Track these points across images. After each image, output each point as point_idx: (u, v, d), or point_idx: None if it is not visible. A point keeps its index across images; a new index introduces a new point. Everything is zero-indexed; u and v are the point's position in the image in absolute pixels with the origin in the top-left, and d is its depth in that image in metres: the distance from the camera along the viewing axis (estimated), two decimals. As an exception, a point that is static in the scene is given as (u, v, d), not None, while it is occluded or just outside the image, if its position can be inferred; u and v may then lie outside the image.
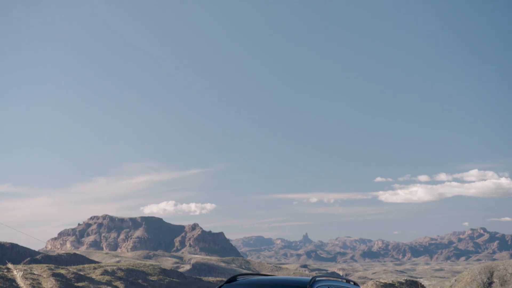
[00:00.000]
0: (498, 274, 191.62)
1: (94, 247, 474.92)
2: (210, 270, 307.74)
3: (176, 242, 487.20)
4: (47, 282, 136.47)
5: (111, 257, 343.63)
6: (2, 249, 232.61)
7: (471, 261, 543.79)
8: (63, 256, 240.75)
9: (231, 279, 11.48)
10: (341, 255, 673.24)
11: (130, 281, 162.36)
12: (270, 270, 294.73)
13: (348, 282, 12.19)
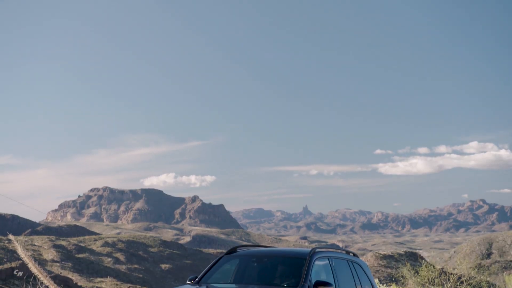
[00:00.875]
0: (497, 246, 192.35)
1: (94, 219, 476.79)
2: (210, 242, 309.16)
3: (176, 214, 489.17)
4: (48, 253, 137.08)
5: (111, 229, 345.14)
6: (3, 221, 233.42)
7: (470, 233, 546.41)
8: (63, 228, 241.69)
9: (231, 251, 11.42)
10: (341, 227, 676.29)
11: (131, 252, 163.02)
12: (270, 242, 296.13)
13: (348, 254, 12.10)
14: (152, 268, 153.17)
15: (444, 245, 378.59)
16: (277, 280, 10.45)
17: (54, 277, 71.59)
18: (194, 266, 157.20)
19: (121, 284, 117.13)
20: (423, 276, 25.85)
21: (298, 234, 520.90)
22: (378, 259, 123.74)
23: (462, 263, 26.78)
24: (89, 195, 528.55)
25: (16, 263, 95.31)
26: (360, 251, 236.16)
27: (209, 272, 10.86)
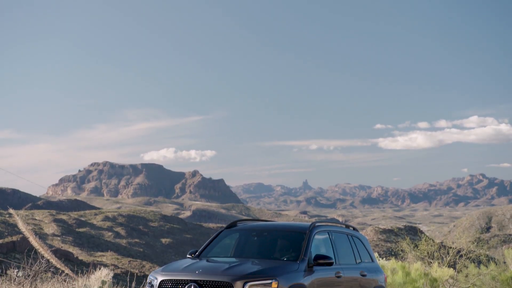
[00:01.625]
0: (496, 220, 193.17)
1: (95, 193, 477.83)
2: (210, 216, 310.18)
3: (176, 188, 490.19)
4: (49, 227, 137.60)
5: (111, 203, 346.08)
6: (4, 195, 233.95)
7: (469, 207, 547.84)
8: (64, 202, 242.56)
9: (231, 225, 11.43)
10: (341, 202, 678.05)
11: (131, 227, 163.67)
12: (270, 216, 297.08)
13: (348, 228, 12.10)
14: (152, 242, 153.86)
15: (444, 220, 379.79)
16: (277, 254, 10.46)
17: (55, 251, 72.07)
18: (194, 241, 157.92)
19: (122, 258, 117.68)
20: (423, 250, 25.90)
21: (298, 208, 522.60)
22: (378, 234, 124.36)
23: (462, 237, 26.79)
24: (89, 170, 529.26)
25: (17, 237, 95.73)
26: (360, 226, 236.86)
27: (209, 246, 10.88)
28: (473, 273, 23.82)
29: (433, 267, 23.11)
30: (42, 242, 16.86)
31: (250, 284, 8.92)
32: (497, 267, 24.37)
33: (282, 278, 9.17)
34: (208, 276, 9.06)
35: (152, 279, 9.47)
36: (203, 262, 9.85)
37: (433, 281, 21.74)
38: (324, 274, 10.13)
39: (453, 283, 23.61)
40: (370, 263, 11.96)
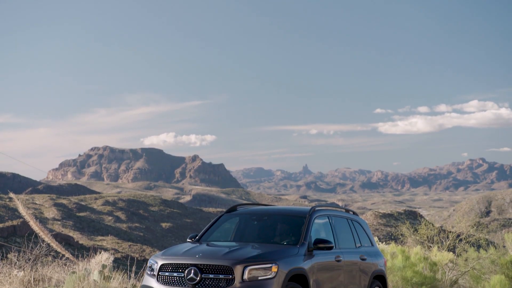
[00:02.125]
0: (496, 204, 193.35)
1: (95, 177, 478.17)
2: (211, 201, 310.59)
3: (176, 173, 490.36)
4: (49, 211, 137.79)
5: (112, 187, 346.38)
6: (4, 179, 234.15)
7: (469, 191, 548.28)
8: (64, 187, 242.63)
9: (231, 209, 11.44)
10: (341, 186, 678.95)
11: (131, 211, 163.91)
12: (270, 201, 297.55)
13: (348, 212, 12.11)
14: (152, 227, 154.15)
15: (443, 204, 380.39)
16: (277, 238, 10.48)
17: (55, 235, 72.17)
18: (195, 225, 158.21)
19: (122, 242, 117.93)
20: (422, 234, 25.95)
21: (298, 193, 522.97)
22: (378, 218, 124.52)
23: (461, 221, 26.83)
24: (89, 154, 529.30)
25: (18, 221, 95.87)
26: (360, 210, 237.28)
27: (209, 230, 10.89)
28: (473, 257, 23.87)
29: (433, 251, 23.17)
30: (42, 226, 16.89)
31: (250, 268, 8.95)
32: (497, 251, 24.42)
33: (282, 262, 9.19)
34: (208, 260, 9.08)
35: (152, 263, 9.49)
36: (203, 246, 9.87)
37: (432, 265, 21.80)
38: (324, 258, 10.16)
39: (452, 267, 23.67)
40: (370, 247, 11.98)
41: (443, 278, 22.39)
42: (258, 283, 8.92)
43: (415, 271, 20.34)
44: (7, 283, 13.84)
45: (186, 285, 9.00)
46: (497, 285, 22.14)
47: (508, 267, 23.19)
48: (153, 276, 9.37)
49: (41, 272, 15.53)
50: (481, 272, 23.82)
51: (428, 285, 19.90)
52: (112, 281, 14.36)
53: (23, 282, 14.36)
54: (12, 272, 14.43)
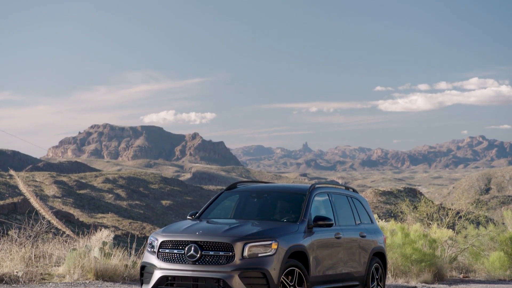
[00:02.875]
0: (496, 181, 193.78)
1: (95, 155, 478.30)
2: (211, 178, 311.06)
3: (176, 151, 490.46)
4: (49, 189, 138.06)
5: (112, 165, 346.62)
6: (4, 156, 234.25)
7: (469, 169, 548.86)
8: (64, 164, 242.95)
9: (231, 187, 11.45)
10: (341, 164, 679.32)
11: (131, 189, 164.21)
12: (270, 178, 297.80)
13: (347, 189, 12.12)
14: (153, 204, 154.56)
15: (443, 181, 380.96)
16: (277, 216, 10.50)
17: (56, 213, 72.42)
18: (195, 203, 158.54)
19: (122, 220, 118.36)
20: (422, 212, 25.98)
21: (298, 171, 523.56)
22: (378, 195, 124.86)
23: (461, 199, 26.85)
24: (89, 132, 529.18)
25: (18, 199, 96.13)
26: (360, 188, 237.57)
27: (209, 207, 10.91)
28: (472, 234, 23.96)
29: (432, 228, 23.24)
30: (43, 204, 16.91)
31: (250, 245, 8.98)
32: (496, 228, 24.51)
33: (282, 239, 9.22)
34: (208, 237, 9.12)
35: (152, 240, 9.52)
36: (203, 224, 9.90)
37: (432, 242, 21.87)
38: (323, 235, 10.19)
39: (452, 244, 23.75)
40: (370, 224, 12.00)
41: (442, 255, 22.47)
42: (258, 260, 8.96)
43: (415, 248, 20.42)
44: (8, 259, 13.89)
45: (187, 262, 9.04)
46: (496, 261, 22.24)
47: (507, 244, 23.28)
48: (153, 253, 9.41)
49: (42, 249, 15.58)
50: (480, 249, 23.92)
51: (427, 262, 19.98)
52: (112, 258, 14.41)
53: (24, 258, 14.41)
54: (13, 248, 14.47)
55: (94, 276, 13.81)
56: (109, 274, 14.01)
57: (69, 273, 13.91)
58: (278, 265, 9.03)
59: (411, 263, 20.07)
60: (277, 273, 9.00)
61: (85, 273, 13.87)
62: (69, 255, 14.24)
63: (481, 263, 23.34)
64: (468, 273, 23.77)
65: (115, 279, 14.07)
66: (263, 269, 8.90)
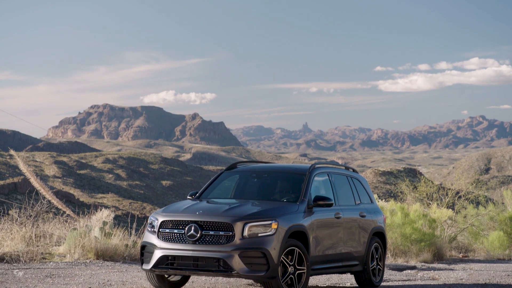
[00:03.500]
0: (496, 161, 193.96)
1: (95, 135, 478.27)
2: (211, 159, 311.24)
3: (176, 131, 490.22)
4: (50, 169, 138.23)
5: (112, 145, 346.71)
6: (4, 136, 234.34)
7: (469, 149, 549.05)
8: (64, 144, 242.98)
9: (231, 167, 11.45)
10: (341, 144, 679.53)
11: (132, 169, 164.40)
12: (269, 159, 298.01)
13: (347, 169, 12.11)
14: (153, 185, 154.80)
15: (443, 161, 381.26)
16: (277, 196, 10.52)
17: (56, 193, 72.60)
18: (195, 183, 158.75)
19: (123, 200, 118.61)
20: (422, 192, 26.04)
21: (298, 151, 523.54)
22: (378, 176, 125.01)
23: (460, 179, 26.91)
24: (89, 112, 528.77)
25: (18, 178, 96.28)
26: (360, 168, 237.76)
27: (209, 187, 10.92)
28: (472, 214, 24.03)
29: (432, 208, 23.30)
30: (43, 183, 16.93)
31: (250, 225, 9.01)
32: (496, 208, 24.58)
33: (282, 219, 9.24)
34: (208, 217, 9.14)
35: (153, 220, 9.55)
36: (203, 204, 9.92)
37: (431, 222, 21.94)
38: (323, 215, 10.21)
39: (451, 223, 23.83)
40: (370, 204, 12.01)
41: (442, 235, 22.55)
42: (258, 239, 8.99)
43: (414, 228, 20.47)
44: (9, 239, 13.94)
45: (187, 241, 9.08)
46: (495, 241, 22.31)
47: (507, 224, 23.35)
48: (153, 232, 9.43)
49: (42, 228, 15.63)
50: (479, 229, 24.00)
51: (427, 241, 20.04)
52: (113, 238, 14.46)
53: (25, 238, 14.46)
54: (14, 228, 14.52)
55: (94, 255, 13.87)
56: (110, 254, 14.07)
57: (69, 252, 13.96)
58: (278, 244, 9.06)
59: (410, 243, 20.14)
60: (277, 252, 9.03)
61: (85, 253, 13.92)
62: (69, 234, 14.29)
63: (480, 243, 23.44)
64: (468, 252, 23.87)
65: (116, 258, 14.13)
66: (263, 248, 8.93)
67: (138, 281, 10.93)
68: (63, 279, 10.81)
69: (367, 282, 11.45)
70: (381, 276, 11.90)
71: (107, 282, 10.59)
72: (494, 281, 13.23)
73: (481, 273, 15.08)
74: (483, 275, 14.64)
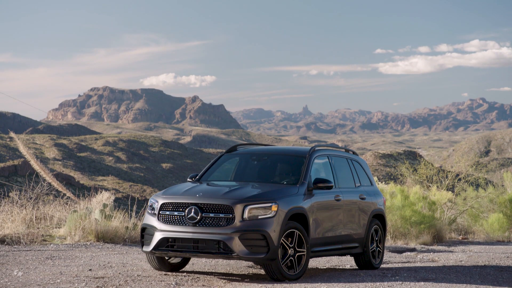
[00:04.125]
0: (496, 143, 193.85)
1: (95, 118, 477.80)
2: (211, 141, 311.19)
3: (176, 114, 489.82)
4: (50, 151, 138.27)
5: (112, 128, 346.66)
6: (4, 119, 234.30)
7: (469, 131, 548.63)
8: (64, 127, 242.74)
9: (231, 149, 11.46)
10: (341, 127, 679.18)
11: (132, 152, 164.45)
12: (270, 142, 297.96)
13: (347, 152, 12.12)
14: (153, 167, 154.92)
15: (443, 144, 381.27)
16: (277, 178, 10.54)
17: (56, 175, 72.55)
18: (195, 166, 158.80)
19: (123, 183, 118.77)
20: (421, 174, 26.06)
21: (298, 134, 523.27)
22: (378, 158, 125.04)
23: (460, 161, 26.95)
24: (89, 95, 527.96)
25: (19, 161, 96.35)
26: (360, 151, 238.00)
27: (209, 170, 10.94)
28: (471, 196, 24.06)
29: (432, 190, 23.33)
30: (43, 166, 16.96)
31: (250, 207, 9.04)
32: (495, 190, 24.61)
33: (282, 202, 9.27)
34: (208, 199, 9.18)
35: (153, 202, 9.59)
36: (203, 186, 9.96)
37: (431, 204, 21.98)
38: (323, 198, 10.24)
39: (451, 206, 23.88)
40: (369, 186, 12.03)
41: (441, 217, 22.60)
42: (258, 222, 9.03)
43: (414, 210, 20.51)
44: (10, 221, 13.98)
45: (187, 224, 9.12)
46: (495, 223, 22.37)
47: (506, 206, 23.39)
48: (153, 215, 9.48)
49: (43, 210, 15.67)
50: (479, 211, 24.04)
51: (426, 224, 20.08)
52: (113, 220, 14.51)
53: (25, 220, 14.50)
54: (14, 210, 14.55)
55: (95, 237, 13.92)
56: (110, 236, 14.12)
57: (70, 234, 14.01)
58: (278, 227, 9.10)
59: (410, 225, 20.18)
60: (277, 235, 9.07)
61: (86, 235, 13.97)
62: (70, 217, 14.33)
63: (480, 225, 23.48)
64: (467, 234, 23.93)
65: (116, 240, 14.17)
66: (263, 231, 8.97)
67: (139, 263, 10.97)
68: (64, 261, 10.85)
69: (367, 264, 11.50)
70: (381, 258, 11.95)
71: (107, 264, 10.63)
72: (494, 263, 13.28)
73: (481, 255, 15.14)
74: (483, 257, 14.69)
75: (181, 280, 9.11)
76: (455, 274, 10.90)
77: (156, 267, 9.90)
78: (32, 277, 8.87)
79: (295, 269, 9.44)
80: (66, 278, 8.90)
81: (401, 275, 10.54)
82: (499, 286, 9.41)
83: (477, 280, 10.13)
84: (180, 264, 10.21)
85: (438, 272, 11.06)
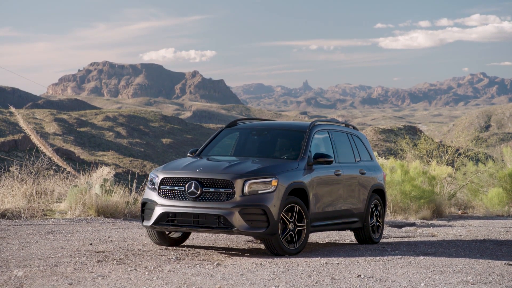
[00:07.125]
0: (496, 118, 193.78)
1: (95, 93, 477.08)
2: (211, 117, 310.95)
3: (176, 89, 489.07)
4: (50, 126, 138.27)
5: (112, 103, 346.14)
6: (4, 93, 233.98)
7: (469, 106, 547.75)
8: (64, 102, 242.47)
9: (231, 124, 11.45)
10: (341, 102, 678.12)
11: (132, 127, 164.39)
12: (270, 117, 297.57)
13: (347, 127, 12.11)
14: (153, 142, 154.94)
15: (443, 119, 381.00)
16: (277, 153, 10.55)
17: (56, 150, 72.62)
18: (195, 141, 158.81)
19: (123, 158, 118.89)
20: (422, 149, 26.09)
21: (298, 109, 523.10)
22: (378, 133, 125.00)
23: (460, 136, 26.96)
24: (89, 69, 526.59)
25: (19, 136, 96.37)
26: (360, 126, 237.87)
27: (209, 145, 10.94)
28: (471, 171, 24.10)
29: (432, 165, 23.36)
30: (43, 141, 16.95)
31: (250, 182, 9.06)
32: (495, 165, 24.64)
33: (282, 176, 9.28)
34: (208, 174, 9.19)
35: (153, 177, 9.61)
36: (203, 161, 9.97)
37: (431, 179, 22.02)
38: (323, 172, 10.26)
39: (451, 181, 23.92)
40: (369, 161, 12.04)
41: (441, 192, 22.65)
42: (258, 196, 9.05)
43: (414, 185, 20.55)
44: (10, 195, 14.00)
45: (187, 198, 9.14)
46: (494, 197, 22.42)
47: (506, 181, 23.44)
48: (154, 189, 9.50)
49: (43, 185, 15.69)
50: (479, 186, 24.09)
51: (426, 198, 20.13)
52: (113, 195, 14.54)
53: (26, 195, 14.52)
54: (15, 185, 14.57)
55: (95, 212, 13.95)
56: (110, 211, 14.16)
57: (70, 209, 14.05)
58: (278, 201, 9.12)
59: (410, 200, 20.23)
60: (277, 209, 9.09)
61: (86, 210, 14.00)
62: (70, 191, 14.36)
63: (479, 200, 23.54)
64: (467, 209, 24.00)
65: (116, 215, 14.21)
66: (263, 205, 8.99)
67: (139, 237, 11.00)
68: (64, 235, 10.89)
69: (367, 239, 11.55)
70: (381, 233, 12.00)
71: (108, 238, 10.67)
72: (493, 237, 13.33)
73: (480, 230, 15.19)
74: (482, 231, 14.74)
75: (182, 255, 9.14)
76: (454, 248, 10.96)
77: (156, 242, 9.94)
78: (33, 251, 8.90)
79: (295, 243, 9.48)
80: (67, 252, 8.94)
81: (401, 249, 10.59)
82: (498, 260, 9.46)
83: (476, 254, 10.19)
84: (180, 239, 10.25)
85: (438, 247, 11.11)
